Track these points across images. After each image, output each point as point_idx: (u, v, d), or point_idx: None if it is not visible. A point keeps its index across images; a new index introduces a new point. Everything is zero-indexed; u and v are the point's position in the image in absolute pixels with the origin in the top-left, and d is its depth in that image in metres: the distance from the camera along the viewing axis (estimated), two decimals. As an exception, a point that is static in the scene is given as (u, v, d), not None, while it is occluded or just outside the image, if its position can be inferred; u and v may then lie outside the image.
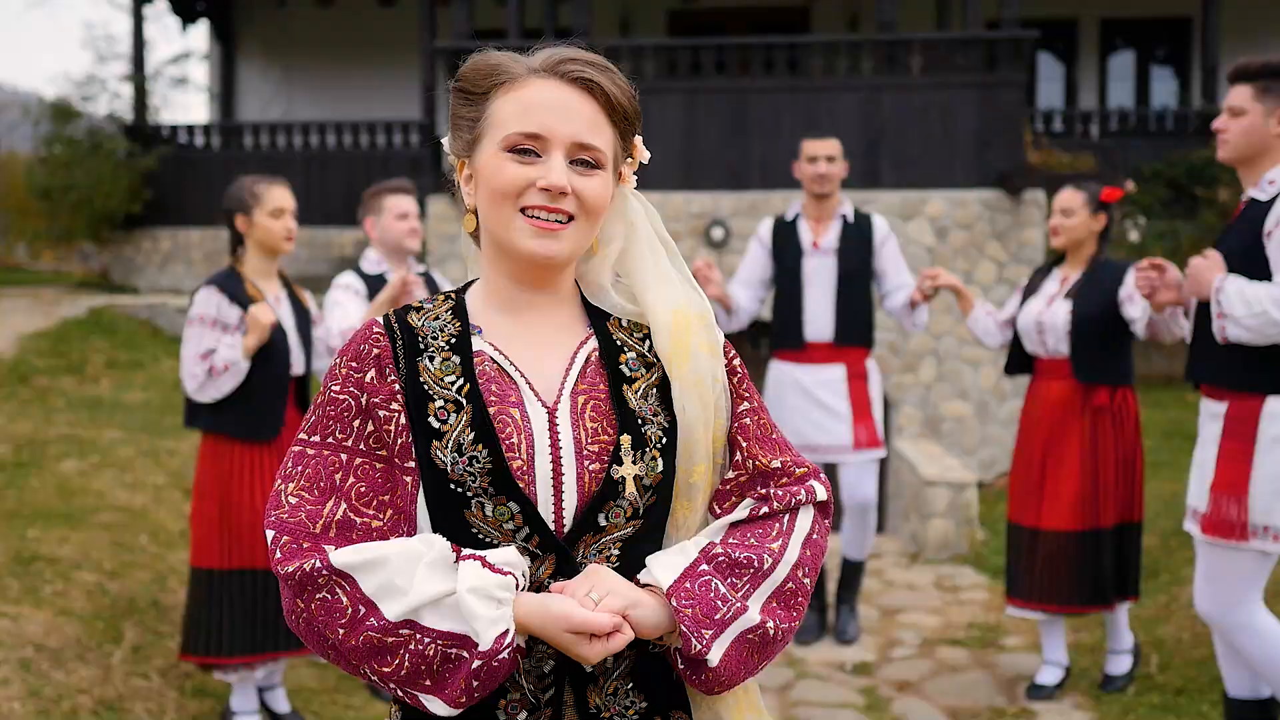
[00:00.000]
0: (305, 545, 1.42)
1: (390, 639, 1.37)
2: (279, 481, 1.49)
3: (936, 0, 11.30)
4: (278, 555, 1.43)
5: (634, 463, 1.45)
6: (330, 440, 1.47)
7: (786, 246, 5.09)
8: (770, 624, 1.47)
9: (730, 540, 1.50)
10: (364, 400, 1.47)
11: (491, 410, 1.45)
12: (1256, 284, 3.20)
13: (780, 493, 1.54)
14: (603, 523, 1.45)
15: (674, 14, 14.16)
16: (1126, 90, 14.39)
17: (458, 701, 1.38)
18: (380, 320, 1.53)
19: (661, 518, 1.50)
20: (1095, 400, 4.26)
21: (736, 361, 1.61)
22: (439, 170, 12.20)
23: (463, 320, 1.53)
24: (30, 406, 7.13)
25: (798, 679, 4.83)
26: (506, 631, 1.36)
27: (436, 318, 1.53)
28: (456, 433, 1.43)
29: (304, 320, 4.05)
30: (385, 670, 1.39)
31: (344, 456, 1.46)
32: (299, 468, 1.48)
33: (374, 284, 4.37)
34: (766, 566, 1.49)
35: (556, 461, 1.44)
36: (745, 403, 1.59)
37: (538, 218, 1.45)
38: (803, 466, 1.58)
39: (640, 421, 1.47)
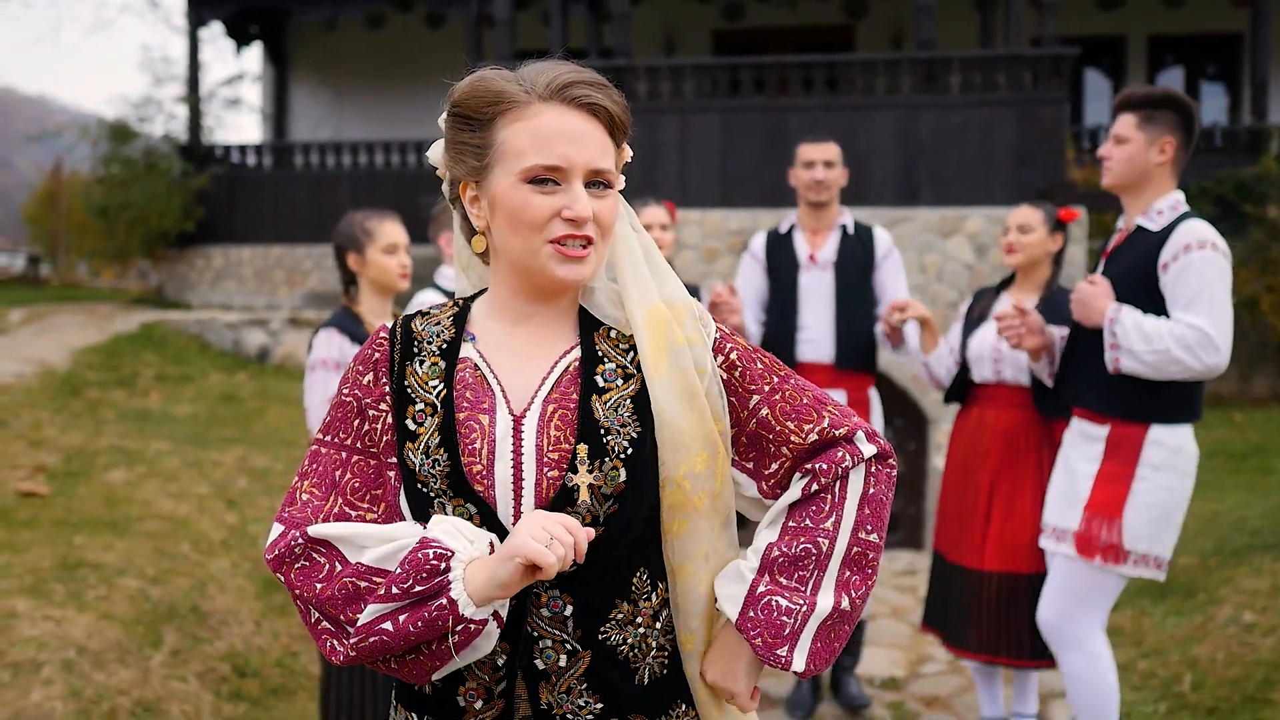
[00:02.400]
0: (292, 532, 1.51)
1: (364, 583, 1.43)
2: (296, 478, 1.58)
3: (980, 19, 11.29)
4: (271, 545, 1.52)
5: (589, 471, 1.48)
6: (335, 439, 1.58)
7: (781, 260, 4.65)
8: (845, 600, 1.53)
9: (787, 532, 1.55)
10: (362, 401, 1.57)
11: (461, 415, 1.52)
12: (1154, 319, 3.19)
13: (824, 466, 1.56)
14: None
15: (718, 33, 14.25)
16: (1176, 107, 14.25)
17: (415, 634, 1.40)
18: (389, 325, 1.62)
19: (629, 525, 1.52)
20: (1055, 433, 3.92)
21: (735, 355, 1.60)
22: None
23: (459, 327, 1.59)
24: (81, 418, 7.32)
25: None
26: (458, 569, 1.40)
27: (437, 323, 1.61)
28: (427, 435, 1.51)
29: None
30: (356, 618, 1.42)
31: (344, 454, 1.56)
32: (313, 465, 1.57)
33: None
34: (825, 550, 1.53)
35: (517, 467, 1.49)
36: (755, 395, 1.59)
37: (564, 245, 1.50)
38: (841, 426, 1.59)
39: (603, 431, 1.49)
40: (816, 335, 4.57)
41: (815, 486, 1.55)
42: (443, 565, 1.40)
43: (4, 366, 8.12)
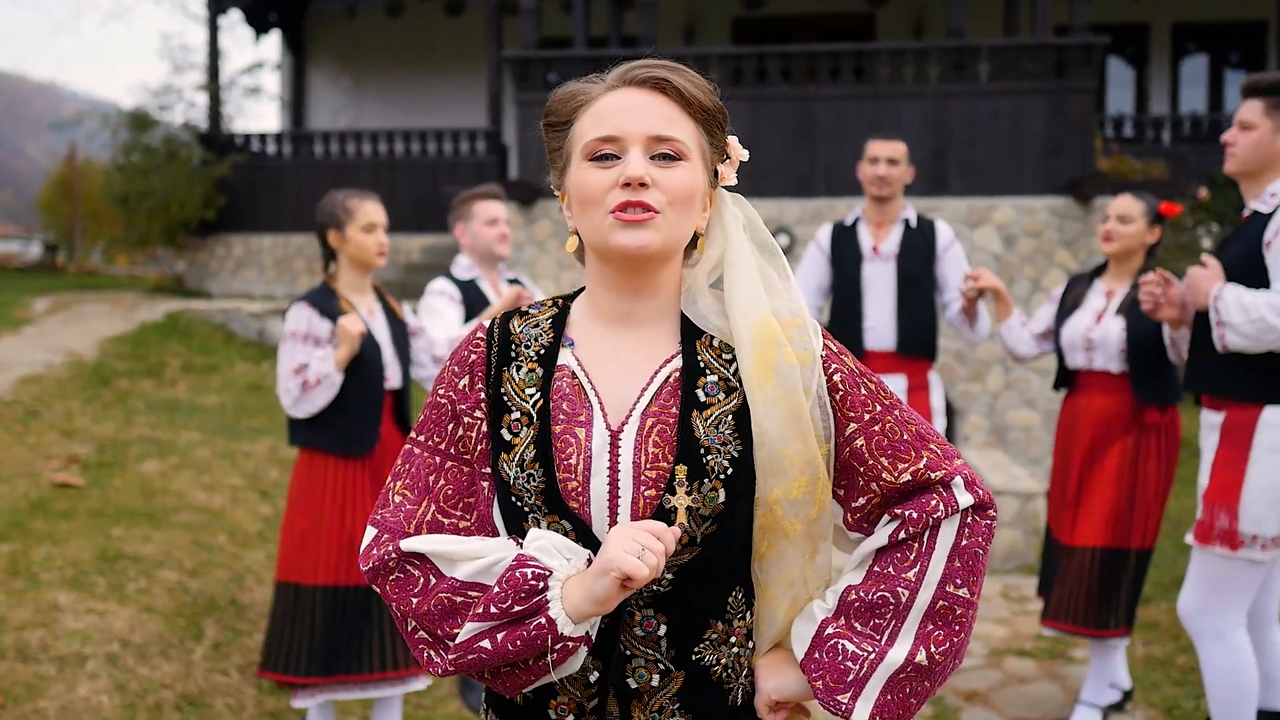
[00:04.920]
0: (385, 539, 1.50)
1: (459, 599, 1.42)
2: (390, 479, 1.57)
3: (1004, 6, 11.20)
4: (365, 551, 1.51)
5: (688, 493, 1.43)
6: (429, 442, 1.55)
7: (845, 251, 4.87)
8: (922, 653, 1.46)
9: (870, 578, 1.51)
10: (456, 406, 1.53)
11: (558, 429, 1.47)
12: (1254, 291, 3.22)
13: (915, 514, 1.49)
14: None
15: (738, 21, 14.19)
16: (1199, 95, 14.16)
17: (518, 653, 1.39)
18: (486, 325, 1.57)
19: (728, 545, 1.48)
20: (1146, 418, 4.12)
21: (838, 376, 1.53)
22: (504, 177, 12.34)
23: (558, 331, 1.55)
24: (112, 409, 7.33)
25: (864, 687, 4.83)
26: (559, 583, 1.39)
27: (536, 325, 1.56)
28: (522, 448, 1.47)
29: (400, 333, 3.97)
30: (455, 632, 1.41)
31: (437, 459, 1.53)
32: (406, 465, 1.56)
33: (465, 289, 4.33)
34: (905, 601, 1.47)
35: (614, 485, 1.45)
36: (853, 423, 1.52)
37: (625, 214, 1.45)
38: (939, 469, 1.51)
39: (703, 451, 1.44)
40: (879, 324, 4.80)
41: (903, 534, 1.49)
42: (541, 585, 1.38)
43: (35, 356, 8.15)
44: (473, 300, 4.33)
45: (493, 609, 1.38)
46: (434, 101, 14.49)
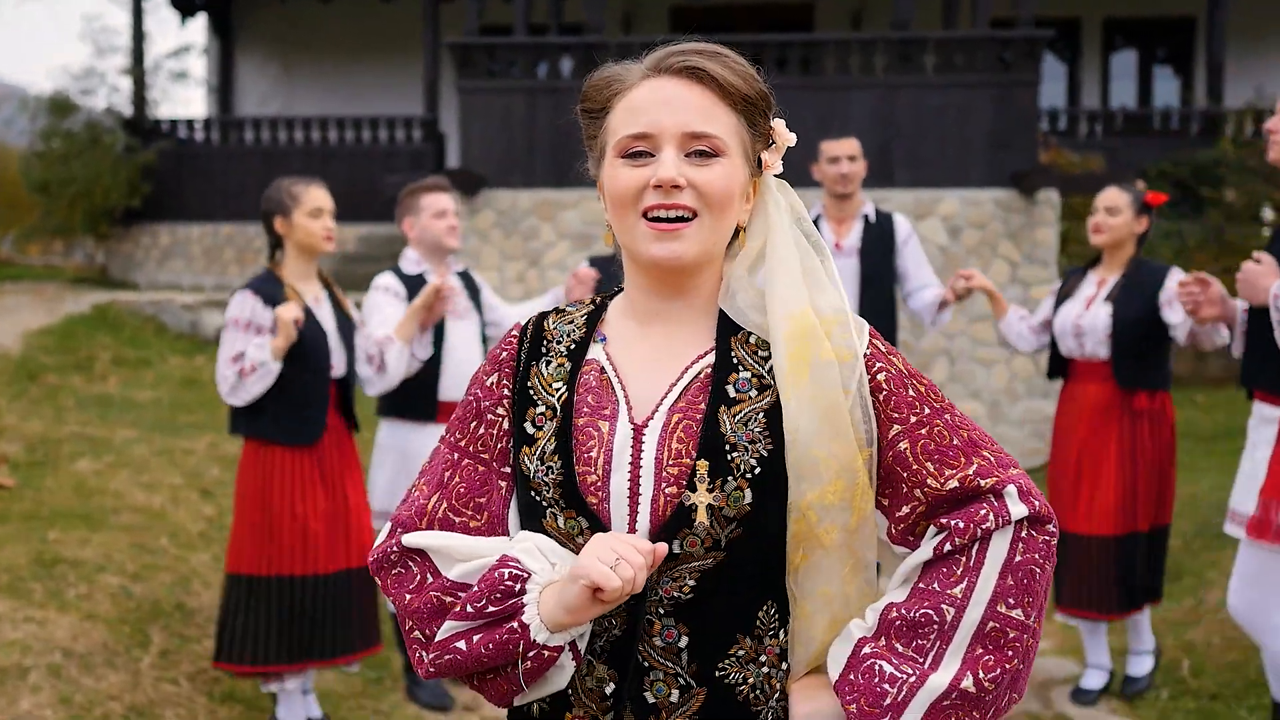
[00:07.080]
0: (397, 532, 1.49)
1: (449, 599, 1.40)
2: (418, 475, 1.55)
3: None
4: (376, 545, 1.50)
5: (709, 491, 1.36)
6: (452, 439, 1.52)
7: None
8: (968, 679, 1.34)
9: (914, 594, 1.39)
10: (482, 403, 1.50)
11: (580, 421, 1.43)
12: None
13: (961, 524, 1.38)
14: (676, 550, 1.37)
15: (676, 10, 14.12)
16: (1129, 90, 14.41)
17: (491, 659, 1.36)
18: (523, 322, 1.54)
19: (757, 552, 1.40)
20: (1135, 404, 4.24)
21: (882, 376, 1.43)
22: (442, 166, 12.13)
23: (591, 326, 1.50)
24: (40, 405, 7.05)
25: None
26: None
27: (570, 321, 1.52)
28: (544, 441, 1.43)
29: (346, 322, 3.96)
30: (437, 633, 1.39)
31: (455, 456, 1.50)
32: (430, 462, 1.54)
33: (414, 284, 4.28)
34: (950, 619, 1.36)
35: (634, 480, 1.39)
36: (896, 425, 1.41)
37: (658, 219, 1.39)
38: (989, 476, 1.40)
39: (728, 448, 1.37)
40: None
41: (949, 546, 1.38)
42: (518, 587, 1.35)
43: (-45, 351, 7.81)
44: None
45: (469, 609, 1.36)
46: (368, 88, 14.21)
